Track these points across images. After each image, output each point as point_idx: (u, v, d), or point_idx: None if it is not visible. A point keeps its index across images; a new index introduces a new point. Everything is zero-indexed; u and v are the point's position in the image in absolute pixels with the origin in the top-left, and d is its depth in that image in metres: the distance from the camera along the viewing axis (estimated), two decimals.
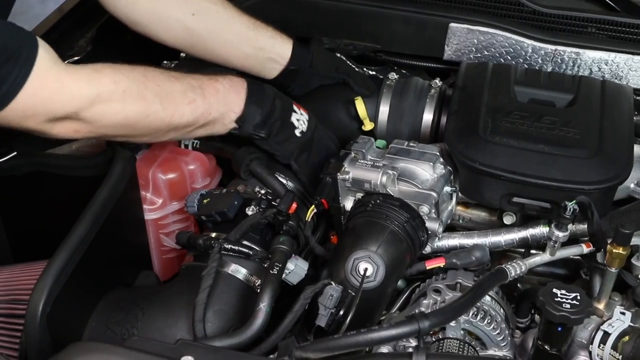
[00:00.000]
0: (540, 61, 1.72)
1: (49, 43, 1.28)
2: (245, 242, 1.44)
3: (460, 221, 1.62)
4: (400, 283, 1.58)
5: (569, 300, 1.20)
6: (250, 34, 1.68)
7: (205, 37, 1.66)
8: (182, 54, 2.03)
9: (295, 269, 1.42)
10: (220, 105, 1.46)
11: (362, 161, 1.49)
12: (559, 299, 1.20)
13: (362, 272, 1.32)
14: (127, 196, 1.50)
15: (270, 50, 1.70)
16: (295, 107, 1.58)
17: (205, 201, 1.51)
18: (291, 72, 1.73)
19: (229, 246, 1.41)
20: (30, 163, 1.60)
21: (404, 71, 1.94)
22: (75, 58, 1.81)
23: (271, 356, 1.17)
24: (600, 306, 1.38)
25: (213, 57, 1.70)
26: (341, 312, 1.30)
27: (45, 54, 1.25)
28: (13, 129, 1.28)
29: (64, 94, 1.26)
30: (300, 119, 1.57)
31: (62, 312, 1.29)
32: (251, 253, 1.42)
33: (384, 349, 1.41)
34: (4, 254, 1.73)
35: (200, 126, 1.46)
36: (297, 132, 1.56)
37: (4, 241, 1.72)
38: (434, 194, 1.46)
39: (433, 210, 1.47)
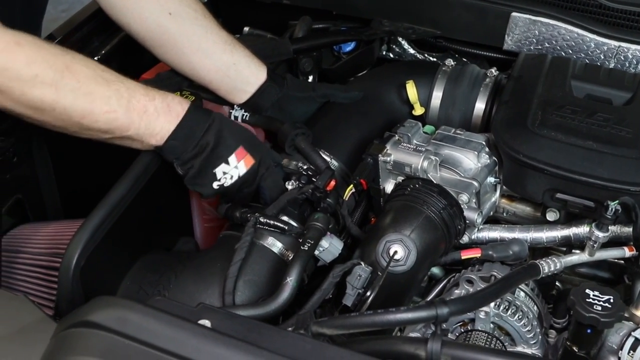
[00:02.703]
0: (602, 57, 1.66)
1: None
2: (282, 217, 1.45)
3: (504, 214, 1.59)
4: (438, 272, 1.57)
5: (601, 303, 1.17)
6: (226, 47, 1.60)
7: (178, 39, 1.58)
8: (245, 28, 2.07)
9: (329, 247, 1.42)
10: (142, 126, 1.34)
11: (406, 144, 1.48)
12: (590, 300, 1.18)
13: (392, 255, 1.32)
14: None
15: (244, 68, 1.63)
16: (232, 158, 1.40)
17: None
18: (264, 96, 1.65)
19: (265, 220, 1.42)
20: None
21: (465, 59, 1.91)
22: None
23: (289, 329, 1.17)
24: (638, 312, 1.33)
25: (182, 63, 1.61)
26: (368, 293, 1.29)
27: None
28: None
29: None
30: (228, 173, 1.40)
31: (97, 268, 1.32)
32: (286, 228, 1.42)
33: (413, 335, 1.40)
34: (55, 209, 1.79)
35: (118, 137, 1.35)
36: (215, 185, 1.40)
37: (56, 197, 1.78)
38: (475, 184, 1.43)
39: (474, 200, 1.45)
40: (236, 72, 1.62)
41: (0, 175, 1.61)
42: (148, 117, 1.34)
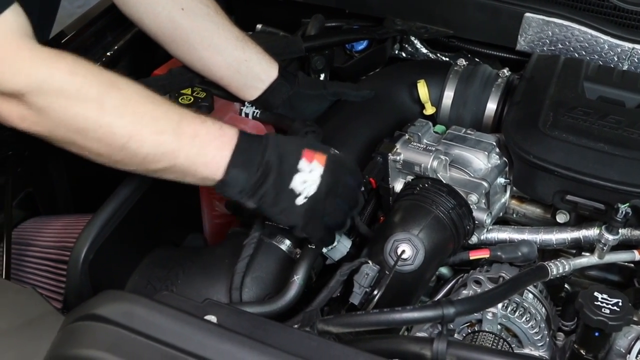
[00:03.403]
0: (616, 59, 1.65)
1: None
2: None
3: (514, 215, 1.58)
4: (446, 272, 1.56)
5: (609, 306, 1.16)
6: (238, 44, 1.60)
7: (190, 34, 1.57)
8: (258, 26, 2.07)
9: (338, 245, 1.41)
10: (194, 152, 1.21)
11: (416, 144, 1.47)
12: (599, 303, 1.17)
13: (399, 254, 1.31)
14: None
15: (255, 65, 1.62)
16: (302, 163, 1.26)
17: None
18: (275, 93, 1.65)
19: None
20: None
21: (478, 59, 1.90)
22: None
23: (295, 326, 1.17)
24: None
25: (194, 59, 1.61)
26: (375, 292, 1.29)
27: (10, 17, 1.10)
28: None
29: (13, 66, 1.10)
30: (307, 180, 1.25)
31: (105, 262, 1.33)
32: None
33: (420, 335, 1.40)
34: (66, 203, 1.80)
35: (166, 168, 1.22)
36: (300, 200, 1.26)
37: (67, 191, 1.79)
38: (485, 184, 1.43)
39: (483, 201, 1.44)
40: (247, 68, 1.62)
41: (11, 168, 1.62)
42: (200, 141, 1.22)
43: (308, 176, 1.26)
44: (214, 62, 1.61)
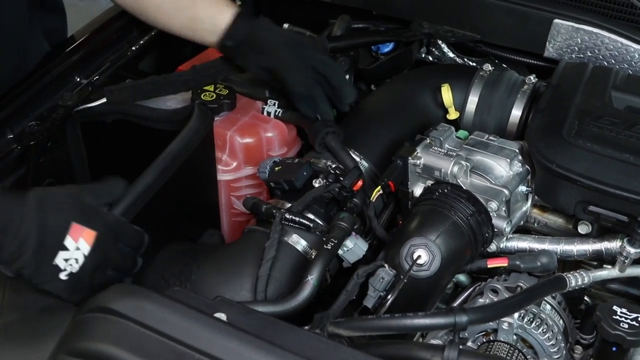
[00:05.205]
0: None
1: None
2: (307, 215, 1.44)
3: (536, 225, 1.55)
4: (464, 279, 1.55)
5: (628, 321, 1.15)
6: (186, 3, 1.64)
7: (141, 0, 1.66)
8: (284, 25, 2.06)
9: (354, 248, 1.40)
10: None
11: (437, 148, 1.45)
12: (617, 317, 1.15)
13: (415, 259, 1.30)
14: (201, 154, 1.53)
15: (205, 21, 1.63)
16: (68, 241, 1.16)
17: (276, 168, 1.52)
18: (233, 35, 1.61)
19: (290, 217, 1.41)
20: (118, 111, 1.65)
21: (505, 65, 1.88)
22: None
23: (305, 327, 1.16)
24: None
25: (155, 22, 1.71)
26: (389, 296, 1.28)
27: None
28: None
29: None
30: (71, 258, 1.16)
31: None
32: (312, 225, 1.41)
33: (434, 342, 1.38)
34: None
35: None
36: (64, 276, 1.16)
37: (88, 182, 1.79)
38: (506, 191, 1.40)
39: (503, 208, 1.42)
40: (199, 25, 1.63)
41: (34, 159, 1.62)
42: None
43: (72, 254, 1.17)
44: (169, 24, 1.67)
